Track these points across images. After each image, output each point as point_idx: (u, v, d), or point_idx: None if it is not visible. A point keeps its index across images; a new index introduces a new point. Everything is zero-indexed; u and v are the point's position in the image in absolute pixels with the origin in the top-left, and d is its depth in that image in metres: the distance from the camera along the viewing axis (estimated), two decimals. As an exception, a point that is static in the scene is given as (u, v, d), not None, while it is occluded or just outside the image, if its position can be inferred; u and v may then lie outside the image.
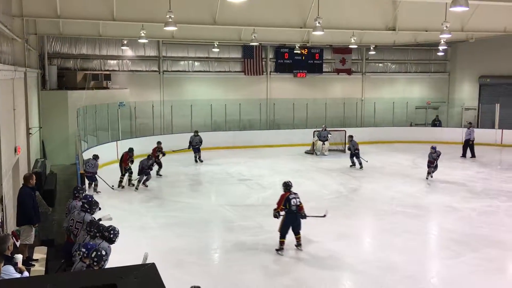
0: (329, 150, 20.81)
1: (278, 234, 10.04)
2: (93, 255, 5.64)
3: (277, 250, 9.25)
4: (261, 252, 9.33)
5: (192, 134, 19.09)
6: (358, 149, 17.51)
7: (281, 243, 9.28)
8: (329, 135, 20.71)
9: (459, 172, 16.64)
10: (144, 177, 14.40)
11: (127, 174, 14.68)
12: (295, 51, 24.31)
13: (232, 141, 22.03)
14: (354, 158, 17.60)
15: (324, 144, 20.65)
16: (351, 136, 18.22)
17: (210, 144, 20.79)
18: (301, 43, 21.54)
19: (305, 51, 25.67)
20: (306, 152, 21.00)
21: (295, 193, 9.45)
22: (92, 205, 7.70)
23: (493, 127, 23.16)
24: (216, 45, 21.97)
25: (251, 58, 25.12)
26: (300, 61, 26.01)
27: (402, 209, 12.22)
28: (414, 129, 25.04)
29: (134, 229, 10.52)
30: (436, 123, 26.15)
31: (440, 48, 22.26)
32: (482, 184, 14.93)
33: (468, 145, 19.83)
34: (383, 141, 22.74)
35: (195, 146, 18.81)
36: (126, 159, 14.67)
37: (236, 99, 23.87)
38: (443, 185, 14.84)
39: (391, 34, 17.38)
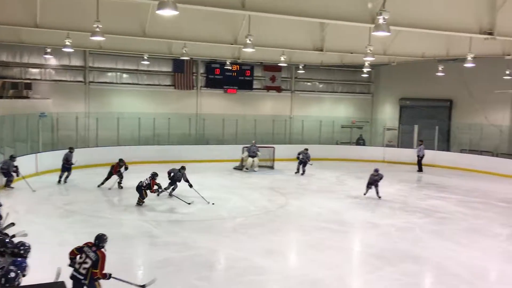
0: (259, 166, 20.99)
1: (205, 251, 9.99)
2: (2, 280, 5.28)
3: None
4: (186, 269, 9.16)
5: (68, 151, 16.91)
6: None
7: None
8: (258, 152, 20.89)
9: (380, 189, 17.28)
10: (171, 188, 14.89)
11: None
12: (226, 67, 24.44)
13: (160, 155, 21.61)
14: (301, 165, 19.99)
15: (254, 160, 20.79)
16: (306, 149, 20.45)
17: (138, 158, 20.28)
18: (232, 59, 21.72)
19: (236, 67, 25.90)
20: (235, 168, 21.04)
21: None
22: None
23: (412, 147, 24.40)
24: (145, 58, 21.63)
25: (181, 72, 24.95)
26: (231, 77, 26.18)
27: (327, 225, 12.50)
28: (339, 147, 25.84)
29: (52, 245, 9.98)
30: (360, 142, 27.21)
31: (364, 70, 23.25)
32: (401, 201, 15.60)
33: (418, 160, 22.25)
34: (310, 158, 23.20)
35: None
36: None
37: (165, 113, 23.57)
38: (365, 201, 15.38)
39: (319, 54, 17.94)
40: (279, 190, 16.90)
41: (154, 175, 14.08)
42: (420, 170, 22.05)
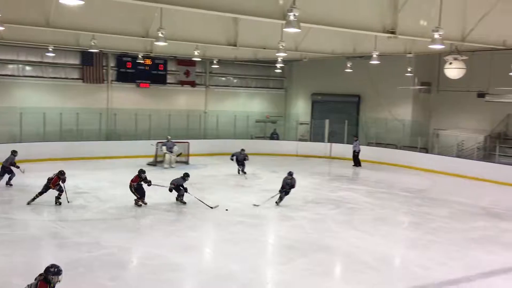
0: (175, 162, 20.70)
1: (117, 250, 9.71)
2: None
3: None
4: (97, 269, 8.83)
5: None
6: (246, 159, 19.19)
7: None
8: (174, 147, 20.57)
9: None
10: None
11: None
12: (138, 61, 23.75)
13: (68, 152, 20.62)
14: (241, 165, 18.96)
15: (171, 156, 20.44)
16: (243, 149, 19.25)
17: (43, 155, 19.25)
18: (145, 53, 21.19)
19: (148, 61, 25.29)
20: (149, 164, 20.56)
21: None
22: None
23: (323, 141, 25.27)
24: (50, 49, 20.44)
25: (90, 65, 23.90)
26: (144, 71, 25.53)
27: (242, 219, 12.63)
28: (254, 142, 26.12)
29: None
30: (274, 136, 27.72)
31: (278, 65, 23.69)
32: (313, 194, 16.10)
33: (354, 155, 22.55)
34: (225, 153, 23.29)
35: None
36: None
37: (73, 108, 22.59)
38: (279, 195, 15.67)
39: (233, 49, 17.97)
40: (195, 186, 16.70)
41: (139, 171, 13.68)
42: (357, 164, 22.45)
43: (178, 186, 13.88)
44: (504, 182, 18.54)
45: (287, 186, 14.17)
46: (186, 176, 14.02)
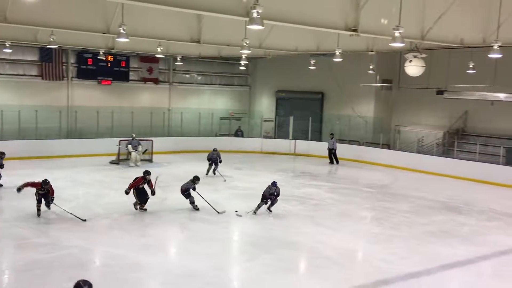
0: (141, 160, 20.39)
1: (77, 250, 9.50)
2: None
3: None
4: (56, 270, 8.62)
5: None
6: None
7: None
8: (139, 146, 20.21)
9: (258, 179, 17.72)
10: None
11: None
12: (99, 57, 23.29)
13: (27, 150, 20.03)
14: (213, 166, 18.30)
15: (137, 154, 20.11)
16: (215, 149, 18.65)
17: (0, 154, 18.59)
18: (106, 49, 20.79)
19: (110, 58, 24.83)
20: (111, 162, 20.21)
21: None
22: None
23: (288, 137, 25.41)
24: (8, 46, 19.79)
25: (49, 62, 23.30)
26: (105, 67, 25.08)
27: (206, 217, 12.56)
28: (219, 139, 26.04)
29: None
30: (238, 133, 27.71)
31: (242, 62, 23.67)
32: (278, 190, 16.16)
33: (332, 153, 22.45)
34: (189, 150, 23.17)
35: None
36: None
37: (32, 106, 21.96)
38: (244, 192, 15.70)
39: (197, 46, 17.85)
40: (158, 184, 16.49)
41: (144, 173, 12.93)
42: (334, 162, 22.35)
43: (189, 192, 13.30)
44: (462, 177, 19.12)
45: (269, 196, 13.11)
46: (196, 179, 13.38)
